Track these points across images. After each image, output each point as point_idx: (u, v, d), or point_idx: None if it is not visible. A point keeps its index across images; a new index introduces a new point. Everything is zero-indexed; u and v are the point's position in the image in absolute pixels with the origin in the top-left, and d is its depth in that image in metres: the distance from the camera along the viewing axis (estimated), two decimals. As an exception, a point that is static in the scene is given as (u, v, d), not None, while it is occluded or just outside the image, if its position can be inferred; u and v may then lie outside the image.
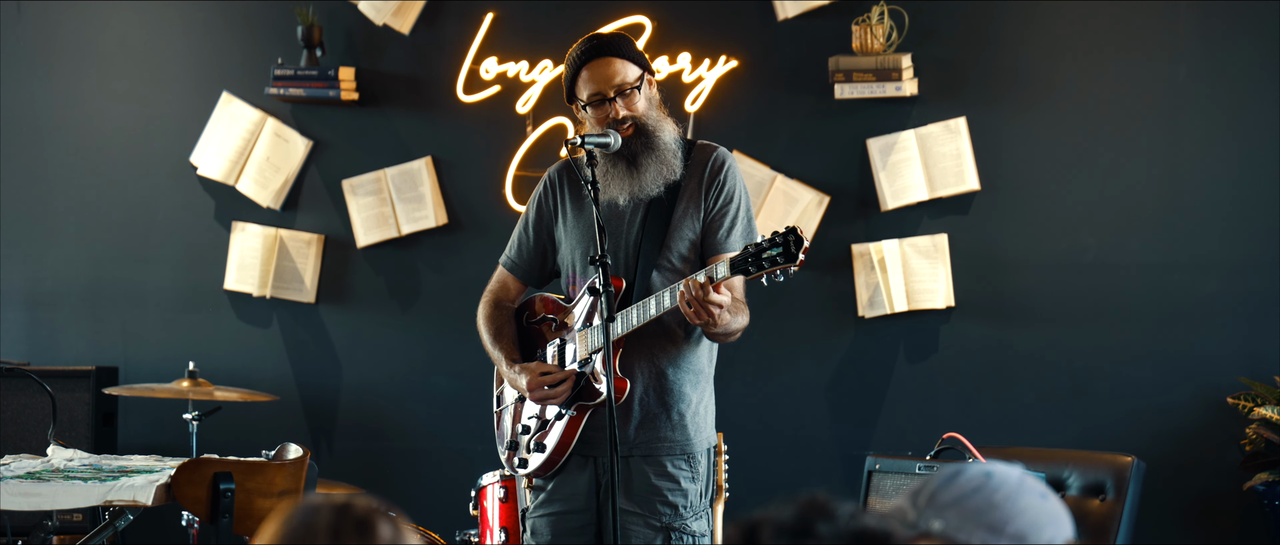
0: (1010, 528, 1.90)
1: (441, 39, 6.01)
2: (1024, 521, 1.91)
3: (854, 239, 5.61)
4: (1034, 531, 1.91)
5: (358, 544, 1.79)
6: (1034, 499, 1.94)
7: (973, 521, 1.91)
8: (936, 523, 1.90)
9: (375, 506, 1.83)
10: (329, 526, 1.80)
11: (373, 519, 1.81)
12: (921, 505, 1.93)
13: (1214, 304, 5.33)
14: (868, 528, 1.66)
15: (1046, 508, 1.94)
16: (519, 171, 5.90)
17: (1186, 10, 5.37)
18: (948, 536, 1.90)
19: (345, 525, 1.80)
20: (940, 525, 1.90)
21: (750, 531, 1.66)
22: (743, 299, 3.61)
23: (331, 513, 1.81)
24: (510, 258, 3.92)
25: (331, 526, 1.80)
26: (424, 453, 6.08)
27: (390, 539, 1.80)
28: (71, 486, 3.83)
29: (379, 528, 1.81)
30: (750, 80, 5.72)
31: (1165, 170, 5.39)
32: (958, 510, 1.91)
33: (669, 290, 3.51)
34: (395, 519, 1.83)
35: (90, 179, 6.37)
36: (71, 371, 5.99)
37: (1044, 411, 5.46)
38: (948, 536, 1.90)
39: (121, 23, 6.34)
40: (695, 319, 3.43)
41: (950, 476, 1.94)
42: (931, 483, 1.95)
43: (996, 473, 1.94)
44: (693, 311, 3.41)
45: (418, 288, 6.08)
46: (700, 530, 3.69)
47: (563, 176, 3.84)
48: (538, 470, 3.75)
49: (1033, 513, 1.92)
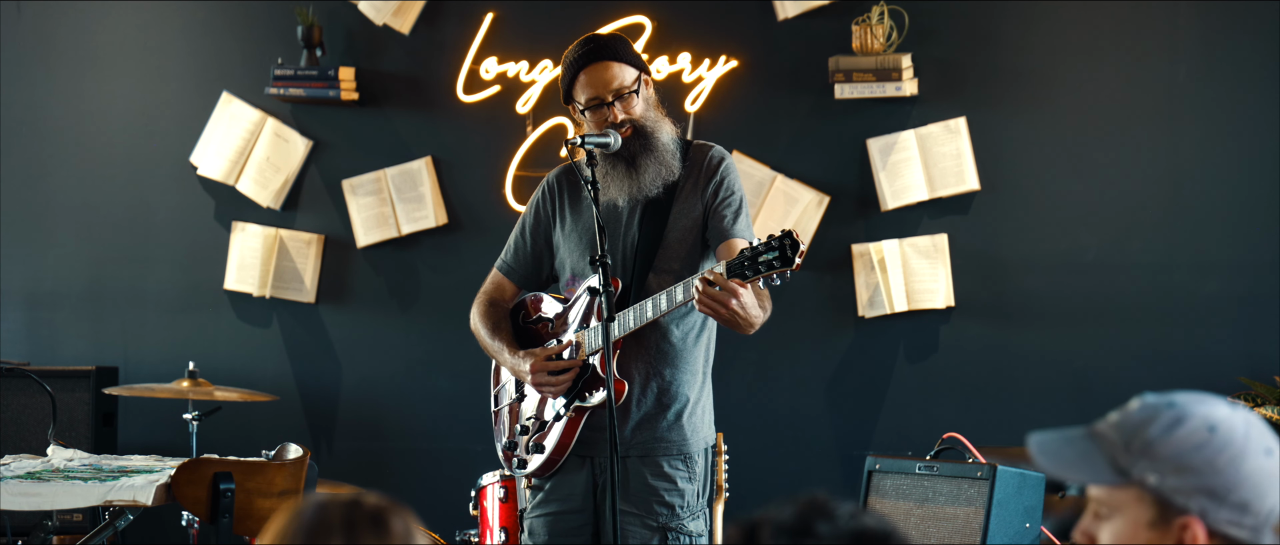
0: (1233, 497, 1.78)
1: (441, 39, 6.01)
2: (1248, 489, 1.78)
3: (854, 239, 5.61)
4: (1258, 499, 1.78)
5: (374, 541, 1.78)
6: (1259, 460, 1.80)
7: (1192, 483, 1.77)
8: (1151, 476, 1.78)
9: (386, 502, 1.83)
10: (343, 521, 1.80)
11: (385, 514, 1.81)
12: (1135, 450, 1.80)
13: (1214, 304, 5.33)
14: (867, 527, 1.66)
15: (1271, 466, 1.80)
16: (519, 171, 5.90)
17: (1186, 10, 5.37)
18: (1161, 494, 1.78)
19: (359, 520, 1.80)
20: (1156, 481, 1.78)
21: (750, 531, 1.66)
22: (764, 288, 3.53)
23: (344, 508, 1.81)
24: (506, 262, 3.91)
25: (346, 521, 1.80)
26: (424, 453, 6.08)
27: (403, 533, 1.81)
28: (71, 486, 3.83)
29: (392, 522, 1.81)
30: (750, 80, 5.72)
31: (1165, 170, 5.39)
32: (1176, 467, 1.78)
33: (665, 294, 3.50)
34: (405, 514, 1.83)
35: (90, 179, 6.37)
36: (71, 371, 5.99)
37: (1044, 411, 5.46)
38: (1161, 494, 1.78)
39: (121, 23, 6.34)
40: (718, 317, 3.40)
41: (1171, 423, 1.79)
42: (1150, 426, 1.80)
43: (1222, 425, 1.79)
44: (724, 314, 3.39)
45: (418, 288, 6.08)
46: (697, 530, 3.69)
47: (562, 181, 3.84)
48: (537, 471, 3.75)
49: (1258, 478, 1.79)
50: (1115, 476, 1.81)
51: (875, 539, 1.65)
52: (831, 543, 1.64)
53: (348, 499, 1.82)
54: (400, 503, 1.85)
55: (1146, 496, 1.79)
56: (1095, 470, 1.83)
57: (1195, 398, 1.83)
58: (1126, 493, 1.80)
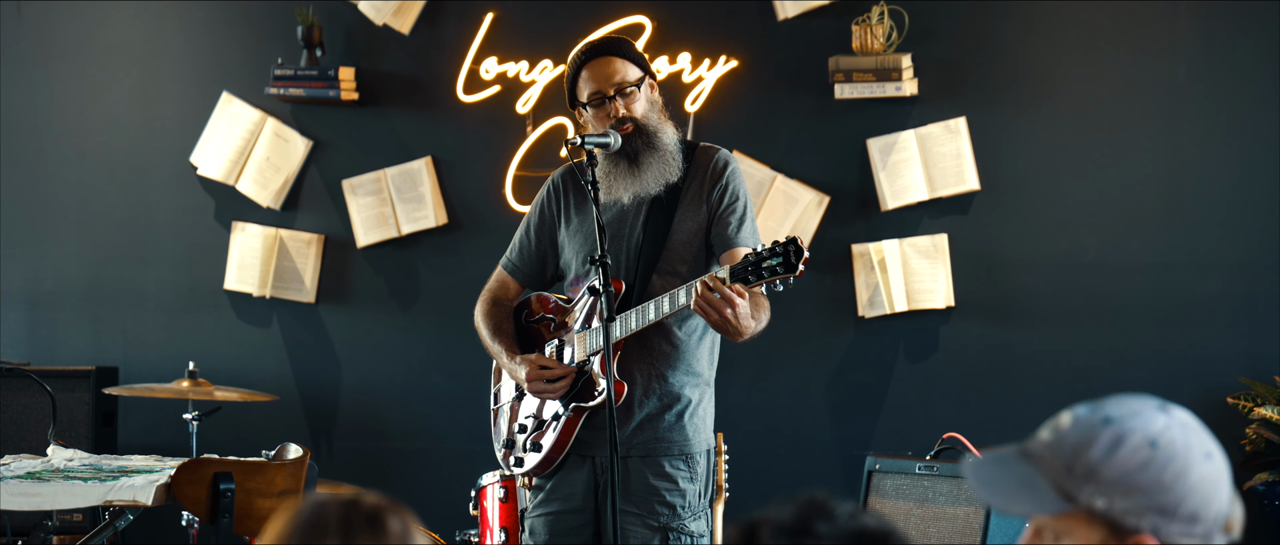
0: (1183, 509, 1.75)
1: (441, 39, 6.01)
2: (1196, 500, 1.76)
3: (854, 239, 5.61)
4: (1205, 507, 1.76)
5: (370, 541, 1.78)
6: (1202, 467, 1.77)
7: (1142, 503, 1.75)
8: (1099, 500, 1.75)
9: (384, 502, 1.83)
10: (340, 520, 1.80)
11: (382, 513, 1.81)
12: (1079, 474, 1.77)
13: (1214, 304, 5.33)
14: (867, 527, 1.65)
15: (1213, 470, 1.78)
16: (519, 171, 5.90)
17: (1186, 10, 5.37)
18: (1111, 517, 1.75)
19: (356, 519, 1.80)
20: (1104, 504, 1.75)
21: (750, 531, 1.65)
22: (763, 294, 3.56)
23: (340, 508, 1.81)
24: (510, 260, 3.92)
25: (342, 520, 1.80)
26: (424, 453, 6.08)
27: (400, 533, 1.80)
28: (71, 486, 3.84)
29: (389, 522, 1.81)
30: (750, 80, 5.72)
31: (1165, 170, 5.39)
32: (1124, 489, 1.75)
33: (668, 296, 3.51)
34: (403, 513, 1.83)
35: (90, 179, 6.37)
36: (71, 371, 5.99)
37: (1044, 411, 5.39)
38: (1111, 517, 1.75)
39: (121, 23, 6.34)
40: (710, 320, 3.41)
41: (1112, 444, 1.76)
42: (1090, 449, 1.77)
43: (1161, 439, 1.77)
44: (714, 318, 3.39)
45: (418, 288, 6.08)
46: (698, 531, 3.69)
47: (567, 181, 3.84)
48: (534, 469, 3.75)
49: (1203, 486, 1.76)
50: (1062, 503, 1.78)
51: (875, 539, 1.65)
52: (831, 542, 1.63)
53: (345, 499, 1.82)
54: (399, 502, 1.85)
55: (1095, 520, 1.76)
56: (1039, 499, 1.80)
57: (1128, 408, 1.80)
58: (1074, 518, 1.78)
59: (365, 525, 1.79)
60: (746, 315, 3.41)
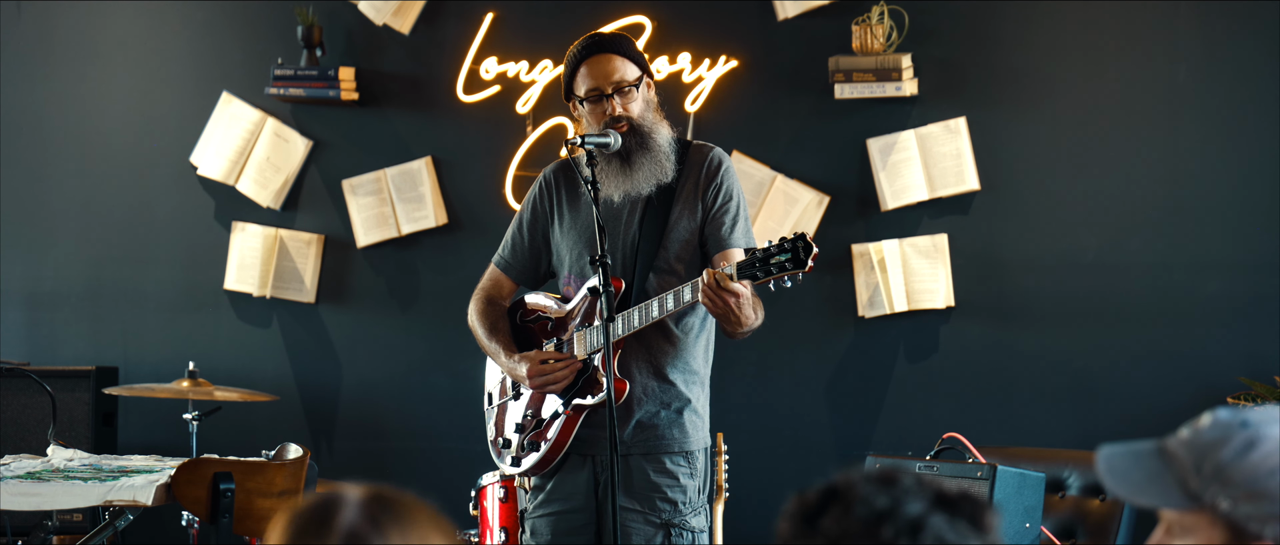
0: None
1: (441, 39, 6.01)
2: None
3: (854, 239, 5.61)
4: None
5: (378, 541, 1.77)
6: None
7: (1267, 510, 1.73)
8: (1224, 501, 1.74)
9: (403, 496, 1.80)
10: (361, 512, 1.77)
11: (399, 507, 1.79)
12: (1207, 474, 1.76)
13: (1214, 304, 5.33)
14: (944, 488, 1.67)
15: None
16: (519, 171, 5.90)
17: (1186, 10, 5.37)
18: (1234, 520, 1.74)
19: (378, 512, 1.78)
20: (1228, 507, 1.74)
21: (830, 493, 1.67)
22: (757, 295, 3.58)
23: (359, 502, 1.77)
24: (503, 257, 3.91)
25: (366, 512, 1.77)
26: (424, 453, 6.08)
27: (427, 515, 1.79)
28: (71, 486, 3.84)
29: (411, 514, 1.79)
30: (750, 80, 5.72)
31: (1165, 170, 5.39)
32: (1249, 493, 1.73)
33: (672, 293, 3.51)
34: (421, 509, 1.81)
35: (90, 179, 6.37)
36: (71, 371, 5.99)
37: (1044, 411, 5.46)
38: (1234, 520, 1.74)
39: (121, 23, 6.34)
40: (715, 310, 3.42)
41: (1244, 446, 1.75)
42: (1222, 448, 1.76)
43: None
44: (719, 307, 3.40)
45: (418, 288, 6.08)
46: (699, 527, 3.70)
47: (559, 177, 3.84)
48: (532, 469, 3.75)
49: None
50: (1185, 501, 1.77)
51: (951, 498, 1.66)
52: (917, 491, 1.65)
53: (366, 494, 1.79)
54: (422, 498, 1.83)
55: (1219, 522, 1.76)
56: (1165, 493, 1.80)
57: (1269, 415, 1.79)
58: (1198, 517, 1.77)
59: (381, 519, 1.78)
60: (748, 306, 3.43)
